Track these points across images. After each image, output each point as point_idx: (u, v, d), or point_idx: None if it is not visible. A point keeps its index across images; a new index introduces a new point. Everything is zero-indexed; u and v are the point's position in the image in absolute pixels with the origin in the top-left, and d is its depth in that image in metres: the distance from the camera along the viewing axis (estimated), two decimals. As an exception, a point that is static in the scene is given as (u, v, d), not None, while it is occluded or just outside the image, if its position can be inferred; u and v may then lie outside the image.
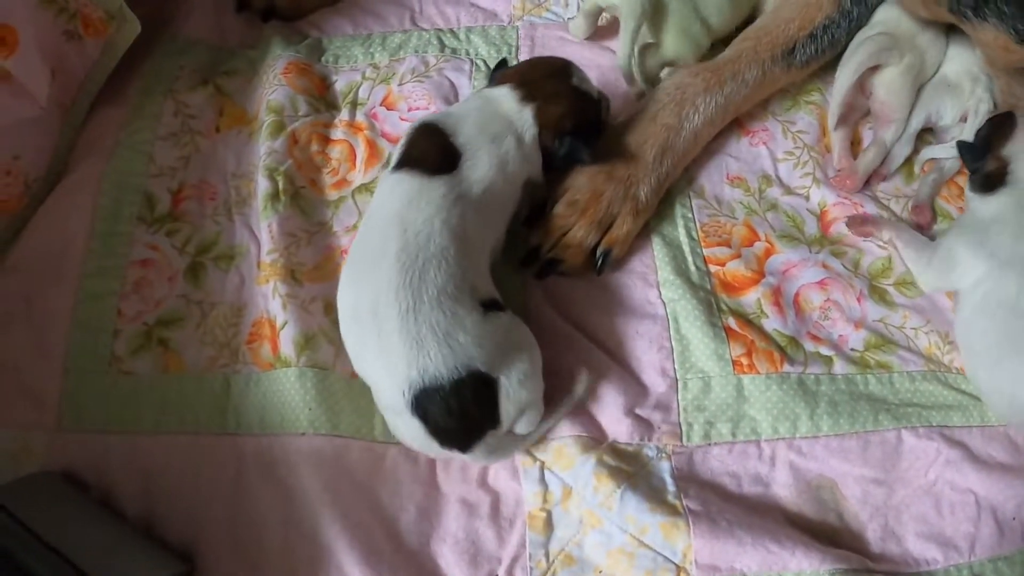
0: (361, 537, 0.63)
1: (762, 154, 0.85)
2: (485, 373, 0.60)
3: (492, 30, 0.92)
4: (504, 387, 0.60)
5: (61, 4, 0.77)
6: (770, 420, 0.69)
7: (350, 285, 0.66)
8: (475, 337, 0.60)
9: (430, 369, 0.59)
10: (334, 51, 0.90)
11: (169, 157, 0.81)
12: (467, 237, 0.64)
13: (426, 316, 0.60)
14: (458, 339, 0.59)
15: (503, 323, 0.62)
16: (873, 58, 0.82)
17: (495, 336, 0.61)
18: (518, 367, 0.61)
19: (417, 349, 0.59)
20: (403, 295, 0.60)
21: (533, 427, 0.65)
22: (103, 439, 0.67)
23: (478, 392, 0.60)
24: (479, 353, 0.60)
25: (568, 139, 0.70)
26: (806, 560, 0.62)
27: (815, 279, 0.77)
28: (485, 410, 0.61)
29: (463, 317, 0.60)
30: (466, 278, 0.62)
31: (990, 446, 0.71)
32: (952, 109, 0.85)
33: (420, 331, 0.60)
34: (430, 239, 0.62)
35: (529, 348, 0.63)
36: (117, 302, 0.73)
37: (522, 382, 0.61)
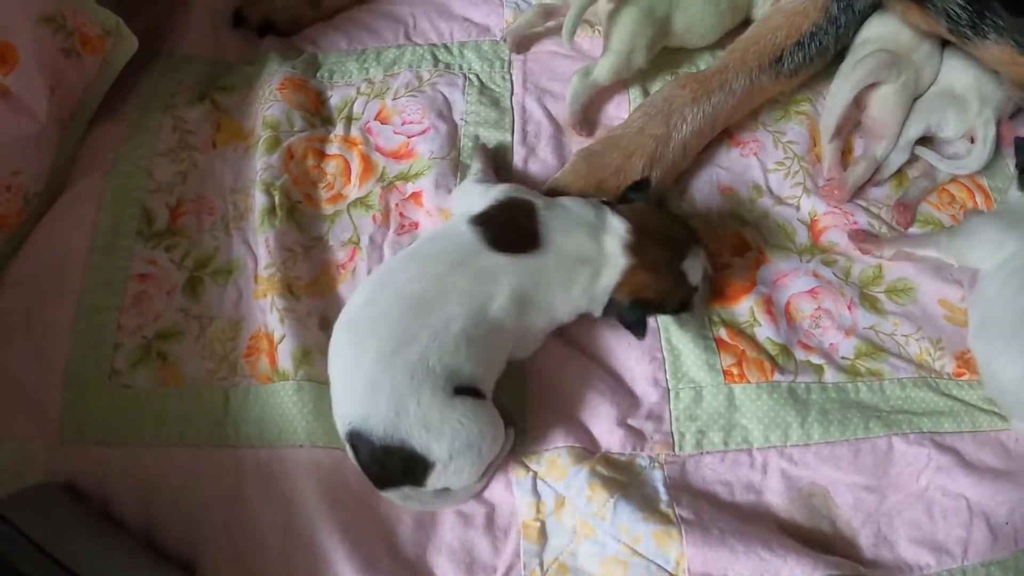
0: (359, 548, 0.64)
1: (752, 165, 0.86)
2: (419, 454, 0.59)
3: (485, 45, 0.92)
4: (439, 470, 0.60)
5: (59, 22, 0.78)
6: (761, 429, 0.70)
7: (373, 288, 0.65)
8: (424, 417, 0.59)
9: (371, 419, 0.60)
10: (329, 66, 0.91)
11: (167, 172, 0.82)
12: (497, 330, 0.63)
13: (396, 370, 0.59)
14: (408, 410, 0.59)
15: (467, 412, 0.60)
16: (872, 75, 0.83)
17: (450, 423, 0.59)
18: (462, 458, 0.60)
19: (371, 394, 0.60)
20: (396, 338, 0.60)
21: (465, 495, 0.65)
22: (103, 451, 0.68)
23: (407, 462, 0.60)
24: (419, 434, 0.59)
25: (636, 308, 0.66)
26: (798, 567, 0.63)
27: (806, 288, 0.78)
28: (410, 476, 0.61)
29: (425, 391, 0.59)
30: (457, 360, 0.60)
31: (982, 452, 0.72)
32: (955, 123, 0.85)
33: (382, 380, 0.60)
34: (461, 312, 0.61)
35: (484, 442, 0.61)
36: (117, 316, 0.74)
37: (459, 471, 0.61)
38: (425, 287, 0.63)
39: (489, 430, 0.61)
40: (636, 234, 0.66)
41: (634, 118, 0.81)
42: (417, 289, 0.63)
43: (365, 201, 0.81)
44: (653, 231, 0.67)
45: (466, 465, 0.61)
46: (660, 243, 0.67)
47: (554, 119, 0.87)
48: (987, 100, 0.83)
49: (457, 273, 0.63)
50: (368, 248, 0.78)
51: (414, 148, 0.83)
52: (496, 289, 0.63)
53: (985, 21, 0.72)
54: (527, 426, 0.69)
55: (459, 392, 0.61)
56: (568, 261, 0.65)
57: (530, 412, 0.69)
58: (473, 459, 0.61)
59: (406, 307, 0.62)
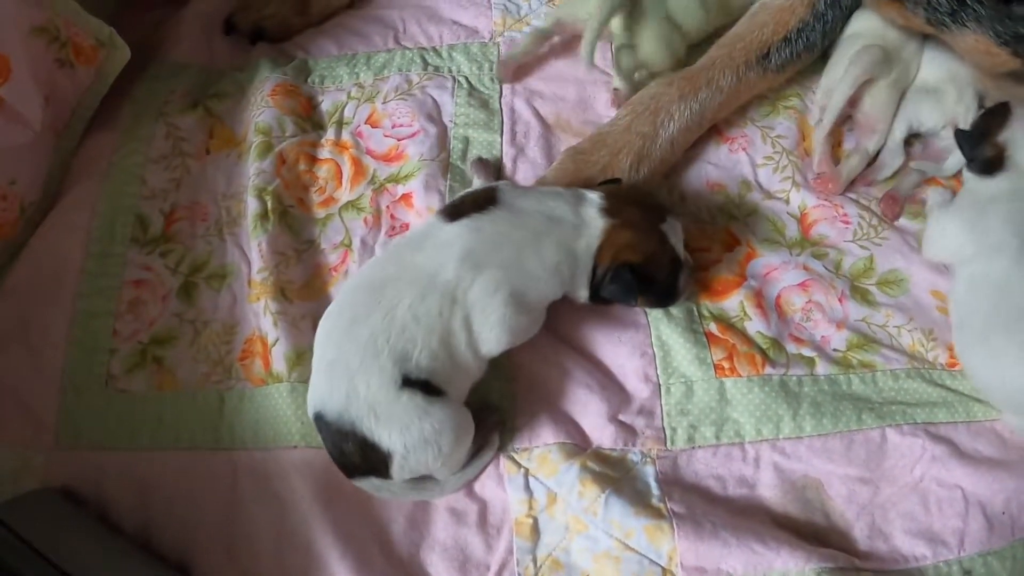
0: (353, 547, 0.64)
1: (741, 160, 0.86)
2: (371, 441, 0.59)
3: (474, 47, 0.93)
4: (399, 461, 0.59)
5: (53, 33, 0.80)
6: (753, 422, 0.70)
7: (373, 269, 0.65)
8: (371, 401, 0.58)
9: (327, 401, 0.60)
10: (320, 72, 0.92)
11: (161, 179, 0.83)
12: (447, 303, 0.61)
13: (348, 349, 0.60)
14: (358, 391, 0.58)
15: (417, 407, 0.59)
16: (869, 71, 0.83)
17: (397, 413, 0.59)
18: (420, 453, 0.59)
19: (328, 375, 0.60)
20: (350, 317, 0.61)
21: (444, 489, 0.65)
22: (100, 456, 0.69)
23: (363, 449, 0.60)
24: (368, 420, 0.58)
25: (623, 272, 0.64)
26: (791, 560, 0.63)
27: (796, 281, 0.78)
28: (371, 465, 0.60)
29: (373, 373, 0.58)
30: (405, 342, 0.59)
31: (977, 441, 0.71)
32: (932, 114, 0.85)
33: (337, 360, 0.60)
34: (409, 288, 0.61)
35: (442, 439, 0.60)
36: (112, 322, 0.74)
37: (420, 465, 0.60)
38: (383, 269, 0.64)
39: (448, 429, 0.60)
40: (609, 199, 0.67)
41: (621, 116, 0.81)
42: (377, 272, 0.64)
43: (356, 204, 0.82)
44: (627, 198, 0.68)
45: (427, 460, 0.60)
46: (636, 205, 0.67)
47: (543, 119, 0.87)
48: (964, 89, 0.84)
49: (415, 252, 0.63)
50: (360, 250, 0.79)
51: (404, 150, 0.84)
52: (449, 255, 0.62)
53: (966, 9, 0.72)
54: (517, 423, 0.69)
55: (413, 385, 0.59)
56: (532, 218, 0.63)
57: (520, 409, 0.70)
58: (434, 455, 0.60)
59: (364, 288, 0.63)
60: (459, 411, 0.62)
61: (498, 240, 0.63)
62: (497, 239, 0.63)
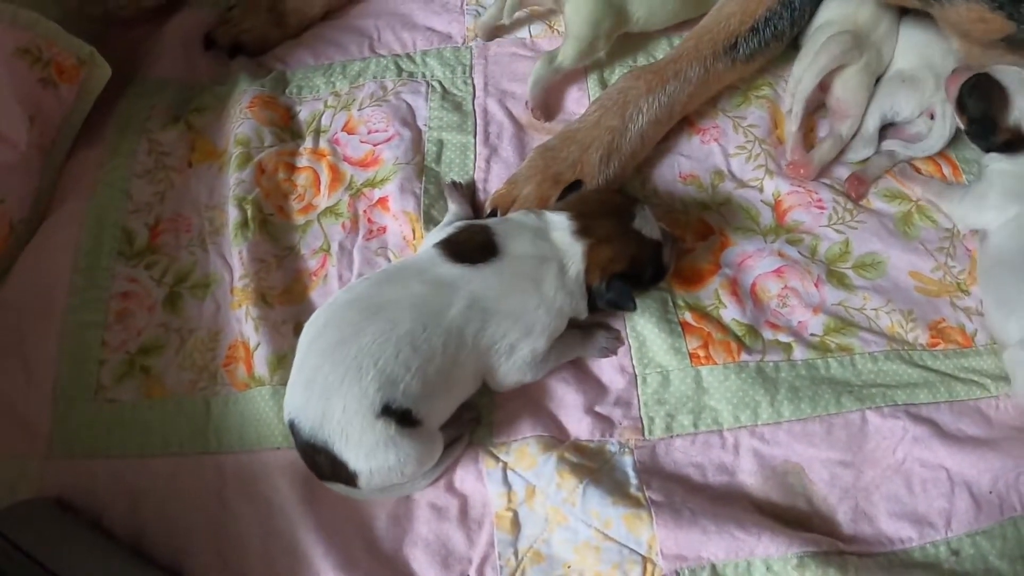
0: (337, 545, 0.65)
1: (714, 151, 0.87)
2: (340, 459, 0.60)
3: (447, 52, 0.94)
4: (364, 479, 0.61)
5: (35, 53, 0.82)
6: (731, 409, 0.70)
7: (341, 292, 0.66)
8: (344, 426, 0.59)
9: (302, 415, 0.61)
10: (297, 82, 0.93)
11: (145, 193, 0.85)
12: (454, 341, 0.62)
13: (330, 367, 0.60)
14: (333, 413, 0.59)
15: (388, 438, 0.59)
16: (837, 60, 0.83)
17: (367, 440, 0.59)
18: (383, 476, 0.60)
19: (306, 389, 0.61)
20: (338, 334, 0.61)
21: (410, 489, 0.66)
22: (92, 464, 0.70)
23: (333, 463, 0.61)
24: (339, 442, 0.59)
25: (616, 283, 0.66)
26: (773, 545, 0.63)
27: (771, 268, 0.79)
28: (340, 477, 0.61)
29: (352, 396, 0.59)
30: (396, 367, 0.59)
31: (960, 421, 0.71)
32: (909, 103, 0.85)
33: (316, 377, 0.60)
34: (410, 316, 0.61)
35: (406, 468, 0.61)
36: (101, 333, 0.76)
37: (385, 483, 0.62)
38: (379, 291, 0.64)
39: (413, 460, 0.61)
40: (578, 219, 0.67)
41: (590, 112, 0.82)
42: (372, 292, 0.64)
43: (334, 210, 0.83)
44: (592, 210, 0.68)
45: (392, 480, 0.62)
46: (603, 215, 0.68)
47: (515, 119, 0.88)
48: (941, 76, 0.83)
49: (416, 281, 0.64)
50: (338, 254, 0.80)
51: (380, 155, 0.85)
52: (455, 297, 0.63)
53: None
54: (495, 418, 0.70)
55: (391, 413, 0.59)
56: (527, 264, 0.65)
57: (497, 404, 0.70)
58: (398, 478, 0.62)
59: (356, 306, 0.63)
60: (428, 440, 0.63)
61: (503, 291, 0.64)
62: (503, 290, 0.64)
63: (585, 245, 0.66)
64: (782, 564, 0.63)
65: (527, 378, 0.68)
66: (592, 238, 0.67)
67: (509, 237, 0.66)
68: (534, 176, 0.78)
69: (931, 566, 0.65)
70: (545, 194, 0.77)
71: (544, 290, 0.65)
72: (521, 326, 0.64)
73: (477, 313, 0.63)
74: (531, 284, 0.65)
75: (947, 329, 0.76)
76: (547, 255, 0.66)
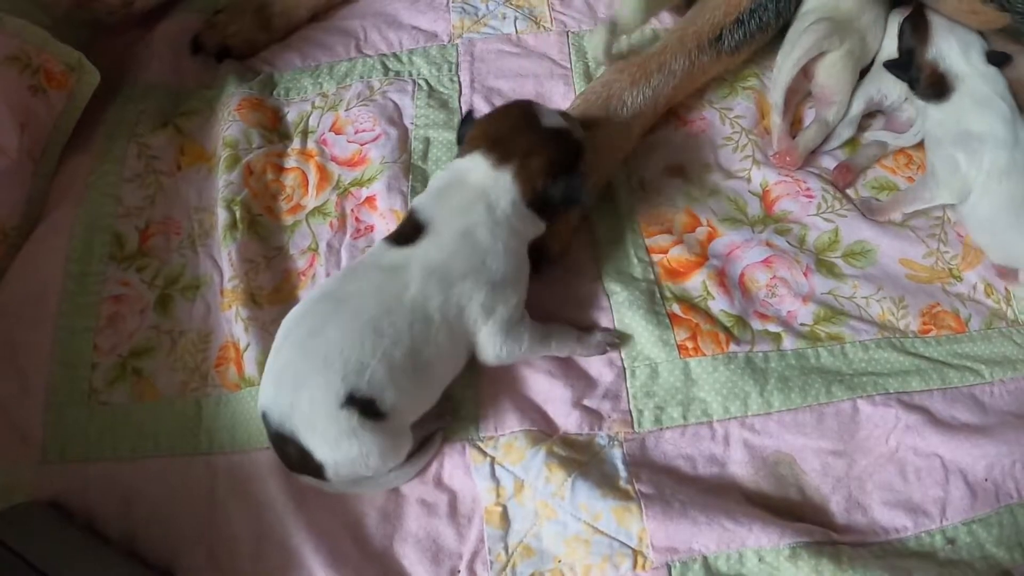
0: (327, 542, 0.65)
1: (701, 142, 0.86)
2: (307, 450, 0.60)
3: (433, 50, 0.94)
4: (331, 470, 0.61)
5: (24, 60, 0.82)
6: (720, 400, 0.70)
7: (337, 283, 0.66)
8: (310, 416, 0.59)
9: (272, 405, 0.61)
10: (285, 84, 0.94)
11: (135, 197, 0.85)
12: (420, 320, 0.62)
13: (298, 360, 0.61)
14: (301, 403, 0.60)
15: (352, 429, 0.59)
16: (815, 48, 0.83)
17: (331, 431, 0.59)
18: (348, 468, 0.61)
19: (277, 381, 0.61)
20: (305, 329, 0.62)
21: (383, 485, 0.66)
22: (85, 468, 0.70)
23: (302, 454, 0.61)
24: (305, 432, 0.60)
25: (561, 182, 0.66)
26: (764, 536, 0.63)
27: (760, 258, 0.78)
28: (309, 469, 0.62)
29: (318, 385, 0.59)
30: (361, 354, 0.60)
31: (953, 408, 0.71)
32: (896, 87, 0.85)
33: (286, 370, 0.61)
34: (371, 303, 0.62)
35: (369, 461, 0.61)
36: (93, 337, 0.76)
37: (351, 476, 0.62)
38: (344, 285, 0.65)
39: (375, 453, 0.61)
40: (491, 149, 0.66)
41: (575, 105, 0.82)
42: (337, 287, 0.65)
43: (322, 209, 0.83)
44: (500, 133, 0.67)
45: (357, 472, 0.62)
46: (513, 132, 0.66)
47: (502, 115, 0.88)
48: None
49: (373, 271, 0.65)
50: (326, 253, 0.80)
51: (367, 155, 0.86)
52: (407, 276, 0.63)
53: None
54: (481, 412, 0.70)
55: (355, 403, 0.59)
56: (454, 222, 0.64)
57: (484, 399, 0.70)
58: (363, 469, 0.62)
59: (325, 300, 0.64)
60: (394, 434, 0.63)
61: (447, 257, 0.64)
62: (446, 256, 0.64)
63: (510, 170, 0.65)
64: (774, 555, 0.62)
65: (517, 347, 0.66)
66: (514, 158, 0.65)
67: (432, 205, 0.66)
68: None
69: (926, 555, 0.65)
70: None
71: (480, 239, 0.64)
72: (482, 284, 0.63)
73: (434, 285, 0.63)
74: (466, 239, 0.64)
75: (941, 314, 0.76)
76: (469, 203, 0.65)
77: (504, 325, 0.65)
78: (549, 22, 0.95)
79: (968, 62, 0.78)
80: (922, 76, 0.79)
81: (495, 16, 0.96)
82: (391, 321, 0.62)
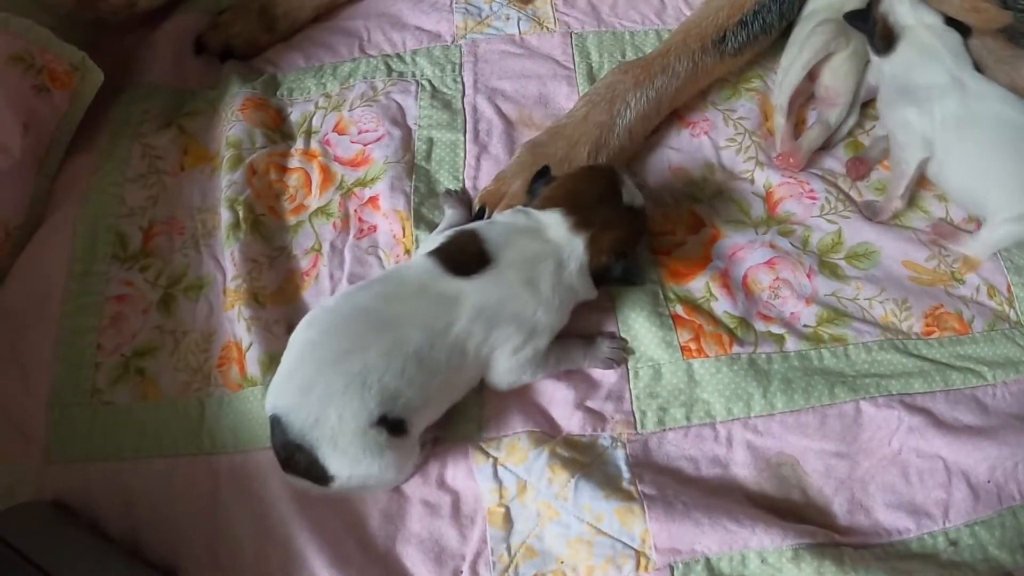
0: (330, 543, 0.65)
1: (704, 144, 0.86)
2: (321, 464, 0.60)
3: (436, 50, 0.94)
4: (341, 483, 0.61)
5: (28, 60, 0.82)
6: (723, 402, 0.70)
7: (342, 297, 0.66)
8: (336, 434, 0.59)
9: (292, 415, 0.61)
10: (288, 85, 0.94)
11: (139, 197, 0.85)
12: (456, 354, 0.63)
13: (331, 378, 0.60)
14: (327, 421, 0.59)
15: (378, 447, 0.60)
16: (823, 50, 0.83)
17: (354, 450, 0.60)
18: (360, 482, 0.62)
19: (302, 393, 0.61)
20: (343, 346, 0.61)
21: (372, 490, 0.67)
22: (87, 468, 0.70)
23: (311, 465, 0.61)
24: (326, 448, 0.60)
25: (622, 261, 0.67)
26: (767, 537, 0.63)
27: (763, 259, 0.78)
28: (313, 477, 0.62)
29: (349, 408, 0.59)
30: (400, 383, 0.60)
31: (956, 410, 0.71)
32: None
33: (316, 383, 0.60)
34: (417, 335, 0.61)
35: (384, 476, 0.62)
36: (96, 337, 0.76)
37: (359, 487, 0.63)
38: (386, 306, 0.64)
39: (393, 467, 0.62)
40: (572, 213, 0.67)
41: (578, 107, 0.82)
42: (378, 306, 0.64)
43: (325, 210, 0.83)
44: (583, 200, 0.67)
45: (365, 486, 0.63)
46: (595, 202, 0.67)
47: (505, 116, 0.88)
48: None
49: (420, 297, 0.64)
50: (329, 254, 0.80)
51: (370, 155, 0.85)
52: (458, 312, 0.63)
53: None
54: (484, 414, 0.70)
55: (384, 423, 0.60)
56: (522, 269, 0.65)
57: (487, 400, 0.70)
58: (373, 485, 0.63)
59: (362, 320, 0.63)
60: (410, 448, 0.64)
61: (503, 299, 0.64)
62: (502, 298, 0.64)
63: (585, 238, 0.66)
64: (777, 556, 0.62)
65: (526, 376, 0.68)
66: (592, 228, 0.67)
67: (501, 243, 0.66)
68: (522, 172, 0.78)
69: (929, 557, 0.65)
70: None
71: (542, 291, 0.65)
72: (524, 330, 0.65)
73: (480, 324, 0.64)
74: (528, 288, 0.65)
75: (944, 316, 0.76)
76: (541, 255, 0.66)
77: (526, 363, 0.67)
78: (553, 23, 0.95)
79: (915, 15, 0.79)
80: (876, 28, 0.80)
81: (499, 17, 0.96)
82: (432, 355, 0.62)
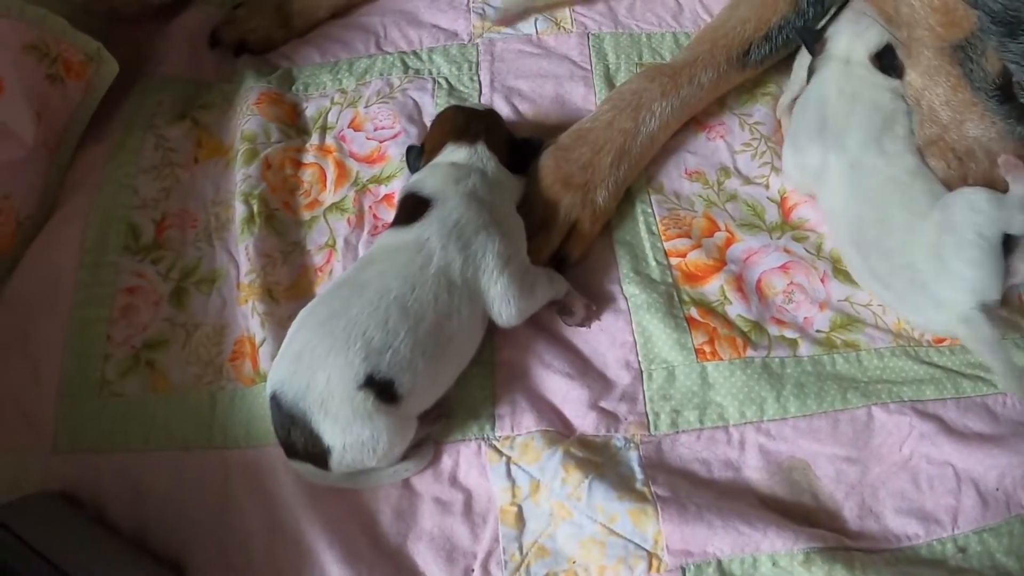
0: (341, 539, 0.65)
1: (720, 147, 0.87)
2: (316, 433, 0.60)
3: (453, 49, 0.95)
4: (337, 456, 0.61)
5: (43, 50, 0.82)
6: (736, 405, 0.70)
7: (356, 270, 0.68)
8: (325, 396, 0.60)
9: (286, 384, 0.61)
10: (304, 80, 0.94)
11: (152, 189, 0.85)
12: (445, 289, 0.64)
13: (319, 340, 0.61)
14: (317, 384, 0.60)
15: (366, 411, 0.60)
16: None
17: (344, 411, 0.60)
18: (356, 453, 0.61)
19: (294, 360, 0.61)
20: (328, 311, 0.62)
21: (376, 482, 0.66)
22: (96, 459, 0.70)
23: (308, 438, 0.61)
24: (318, 413, 0.60)
25: (524, 142, 0.76)
26: (779, 540, 0.63)
27: (777, 264, 0.79)
28: (312, 455, 0.62)
29: (336, 365, 0.60)
30: (385, 334, 0.61)
31: (966, 417, 0.71)
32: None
33: (305, 349, 0.61)
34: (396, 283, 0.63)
35: (378, 446, 0.61)
36: (106, 328, 0.76)
37: (355, 463, 0.62)
38: (362, 272, 0.66)
39: (385, 439, 0.61)
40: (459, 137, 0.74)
41: (603, 111, 0.82)
42: (355, 274, 0.67)
43: (340, 205, 0.83)
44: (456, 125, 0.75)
45: (362, 459, 0.62)
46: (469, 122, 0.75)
47: (522, 116, 0.88)
48: None
49: (390, 254, 0.67)
50: (343, 250, 0.80)
51: (386, 152, 0.86)
52: (429, 247, 0.65)
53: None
54: (498, 412, 0.70)
55: (373, 385, 0.60)
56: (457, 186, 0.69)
57: (500, 399, 0.70)
58: (368, 457, 0.62)
59: (347, 286, 0.65)
60: (402, 423, 0.63)
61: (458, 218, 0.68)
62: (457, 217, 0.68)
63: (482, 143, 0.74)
64: (788, 560, 0.62)
65: (526, 296, 0.69)
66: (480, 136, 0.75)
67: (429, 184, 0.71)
68: (546, 177, 0.78)
69: (937, 563, 0.65)
70: (557, 196, 0.78)
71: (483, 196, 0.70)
72: (494, 232, 0.68)
73: (453, 245, 0.66)
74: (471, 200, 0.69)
75: (954, 326, 0.76)
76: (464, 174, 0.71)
77: (517, 273, 0.68)
78: (570, 23, 0.95)
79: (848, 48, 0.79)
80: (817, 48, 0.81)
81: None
82: (416, 297, 0.63)
